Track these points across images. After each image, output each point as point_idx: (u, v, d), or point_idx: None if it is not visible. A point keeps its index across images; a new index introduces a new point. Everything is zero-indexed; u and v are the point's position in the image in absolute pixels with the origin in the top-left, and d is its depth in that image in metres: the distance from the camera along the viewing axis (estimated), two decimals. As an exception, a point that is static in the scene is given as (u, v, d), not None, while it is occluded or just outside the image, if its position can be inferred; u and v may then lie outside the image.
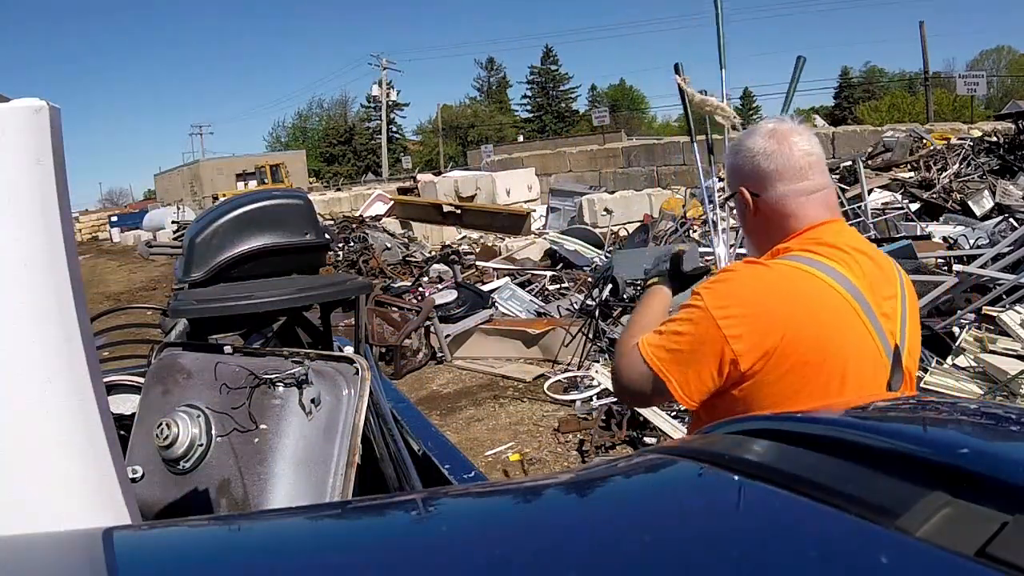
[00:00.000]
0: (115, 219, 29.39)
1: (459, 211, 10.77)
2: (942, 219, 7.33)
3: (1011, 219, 6.35)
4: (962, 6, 73.49)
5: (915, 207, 7.75)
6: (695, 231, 8.62)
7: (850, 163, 8.60)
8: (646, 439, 3.73)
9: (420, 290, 6.89)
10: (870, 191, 7.92)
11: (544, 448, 4.00)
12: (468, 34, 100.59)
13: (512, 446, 4.09)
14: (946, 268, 5.57)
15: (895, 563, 0.40)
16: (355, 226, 11.63)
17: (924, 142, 9.51)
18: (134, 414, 1.31)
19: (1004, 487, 0.43)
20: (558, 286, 7.22)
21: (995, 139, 8.93)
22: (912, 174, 8.74)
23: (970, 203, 7.41)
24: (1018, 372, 3.47)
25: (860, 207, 7.45)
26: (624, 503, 0.61)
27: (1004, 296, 4.33)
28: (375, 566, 0.47)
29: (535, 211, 11.92)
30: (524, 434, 4.23)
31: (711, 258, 3.38)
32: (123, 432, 1.20)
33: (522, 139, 38.05)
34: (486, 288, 6.86)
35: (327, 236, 1.69)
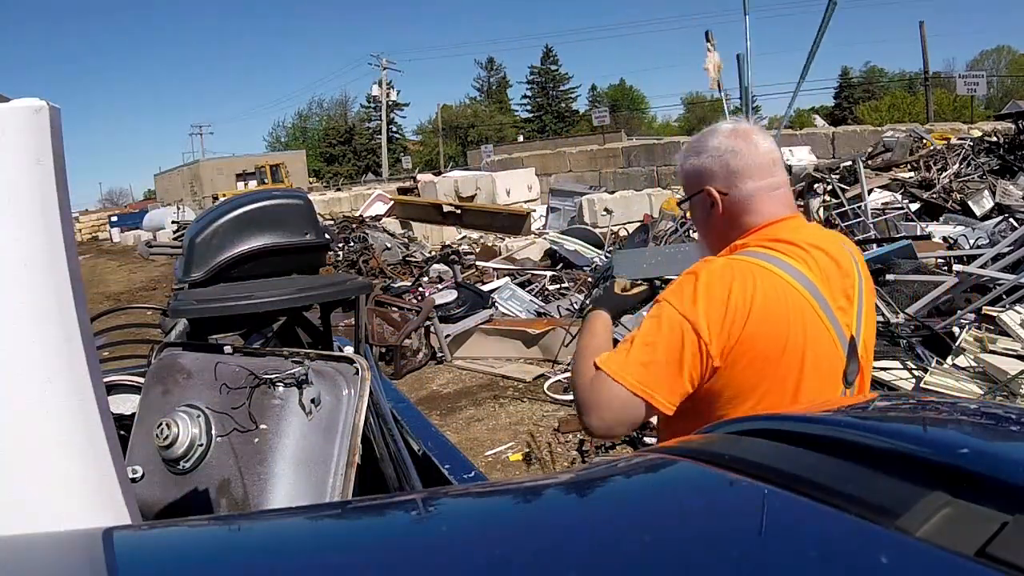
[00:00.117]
0: (115, 219, 29.41)
1: (459, 211, 10.77)
2: (942, 219, 7.33)
3: (1011, 219, 6.35)
4: (962, 6, 73.53)
5: (915, 207, 7.75)
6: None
7: (850, 163, 8.59)
8: (646, 439, 3.73)
9: (420, 290, 6.89)
10: (870, 191, 7.92)
11: (544, 448, 4.00)
12: (468, 34, 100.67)
13: (512, 446, 4.09)
14: (946, 268, 5.57)
15: (895, 563, 0.40)
16: (355, 226, 11.64)
17: (924, 142, 9.51)
18: (134, 414, 1.31)
19: (1004, 487, 0.43)
20: (558, 286, 7.22)
21: (995, 139, 8.93)
22: (912, 174, 8.74)
23: (970, 203, 7.41)
24: (1018, 372, 3.47)
25: (860, 207, 7.45)
26: (624, 503, 0.61)
27: (1004, 296, 4.33)
28: (375, 566, 0.47)
29: (535, 211, 11.93)
30: (524, 434, 4.23)
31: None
32: (123, 432, 1.20)
33: (522, 139, 38.06)
34: (486, 288, 6.86)
35: (327, 236, 1.69)
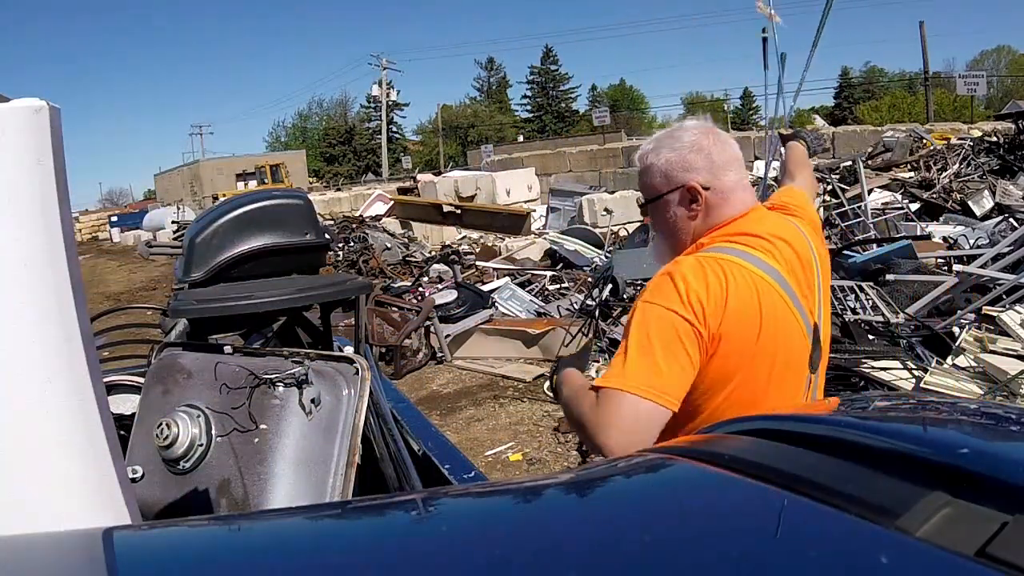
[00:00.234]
0: (115, 219, 29.40)
1: (459, 211, 10.77)
2: (942, 219, 7.33)
3: (1011, 219, 6.35)
4: (962, 6, 73.53)
5: (915, 207, 7.75)
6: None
7: (850, 163, 8.60)
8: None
9: (420, 290, 6.89)
10: (870, 191, 7.92)
11: (544, 448, 4.00)
12: (468, 34, 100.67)
13: (512, 446, 4.09)
14: (946, 268, 5.57)
15: (895, 563, 0.40)
16: (355, 226, 11.63)
17: (924, 142, 9.51)
18: (134, 414, 1.31)
19: (1004, 487, 0.43)
20: (558, 286, 7.22)
21: (995, 139, 8.94)
22: (912, 174, 8.75)
23: (970, 203, 7.41)
24: (1018, 372, 3.47)
25: (860, 207, 7.45)
26: (624, 503, 0.61)
27: (1004, 296, 4.33)
28: (375, 566, 0.47)
29: (535, 211, 11.93)
30: (524, 434, 4.23)
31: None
32: (123, 432, 1.20)
33: (522, 139, 38.06)
34: (486, 288, 6.86)
35: (327, 236, 1.69)
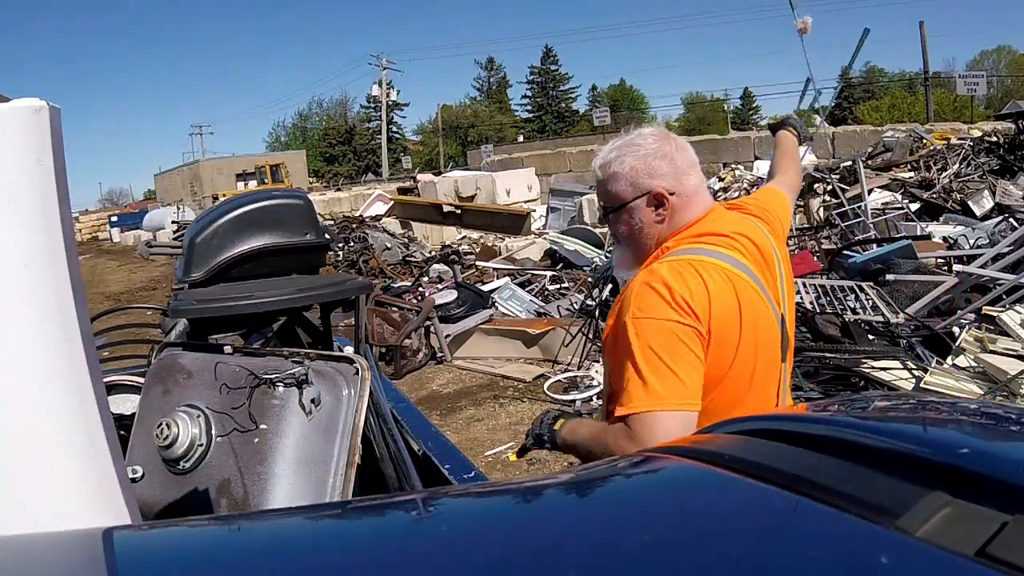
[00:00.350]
0: (115, 219, 29.39)
1: (459, 211, 10.77)
2: (942, 219, 7.34)
3: (1011, 219, 6.35)
4: (962, 6, 73.52)
5: (915, 207, 7.75)
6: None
7: (850, 163, 8.60)
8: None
9: (420, 290, 6.89)
10: (870, 191, 7.93)
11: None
12: (468, 34, 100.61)
13: (512, 446, 4.09)
14: (946, 268, 5.57)
15: (895, 563, 0.40)
16: (355, 226, 11.64)
17: (924, 142, 9.52)
18: (134, 414, 1.31)
19: (1004, 487, 0.43)
20: (558, 286, 7.22)
21: (995, 139, 8.94)
22: (912, 174, 8.75)
23: (970, 203, 7.41)
24: (1018, 372, 3.47)
25: (860, 207, 7.46)
26: (624, 503, 0.61)
27: (1004, 296, 4.33)
28: (375, 566, 0.47)
29: (535, 211, 11.93)
30: (524, 434, 4.22)
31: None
32: (123, 432, 1.20)
33: (522, 139, 38.05)
34: (486, 288, 6.86)
35: (327, 236, 1.69)
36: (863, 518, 0.44)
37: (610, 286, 5.47)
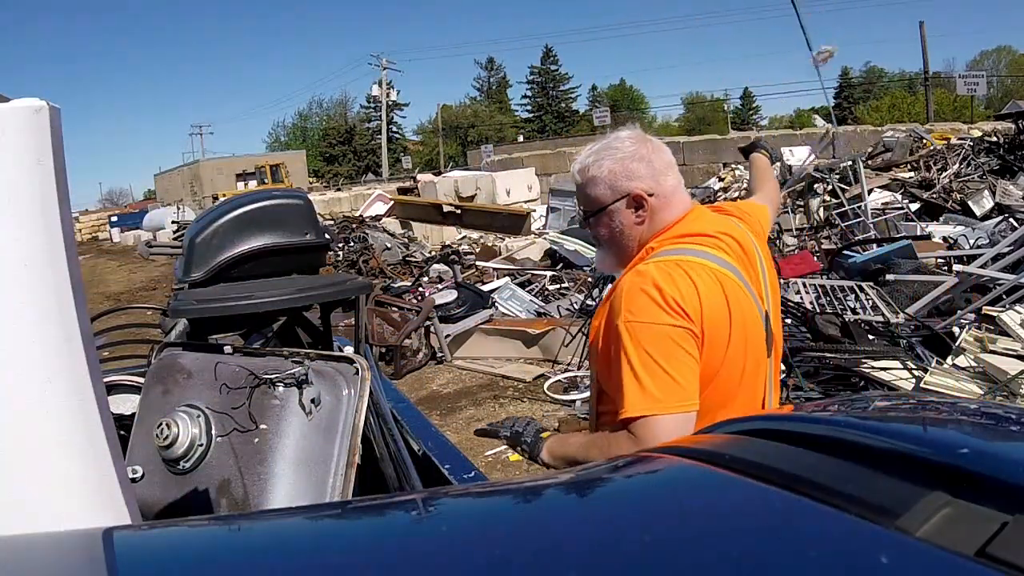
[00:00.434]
0: (115, 219, 29.39)
1: (459, 211, 10.76)
2: (942, 219, 7.34)
3: (1011, 219, 6.35)
4: (962, 6, 73.54)
5: (915, 207, 7.75)
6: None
7: (850, 163, 8.60)
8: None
9: (420, 290, 6.89)
10: (870, 191, 7.93)
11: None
12: (468, 34, 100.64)
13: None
14: (946, 268, 5.58)
15: (895, 563, 0.40)
16: (355, 226, 11.64)
17: (924, 142, 9.52)
18: (134, 414, 1.31)
19: (1004, 487, 0.43)
20: (558, 286, 7.22)
21: (995, 139, 8.94)
22: (912, 174, 8.75)
23: (970, 203, 7.41)
24: (1018, 372, 3.47)
25: (860, 207, 7.46)
26: (624, 503, 0.61)
27: (1004, 296, 4.33)
28: (375, 566, 0.47)
29: (535, 211, 11.91)
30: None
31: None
32: (123, 432, 1.20)
33: (522, 139, 38.05)
34: (486, 288, 6.86)
35: (327, 236, 1.69)
36: (863, 518, 0.44)
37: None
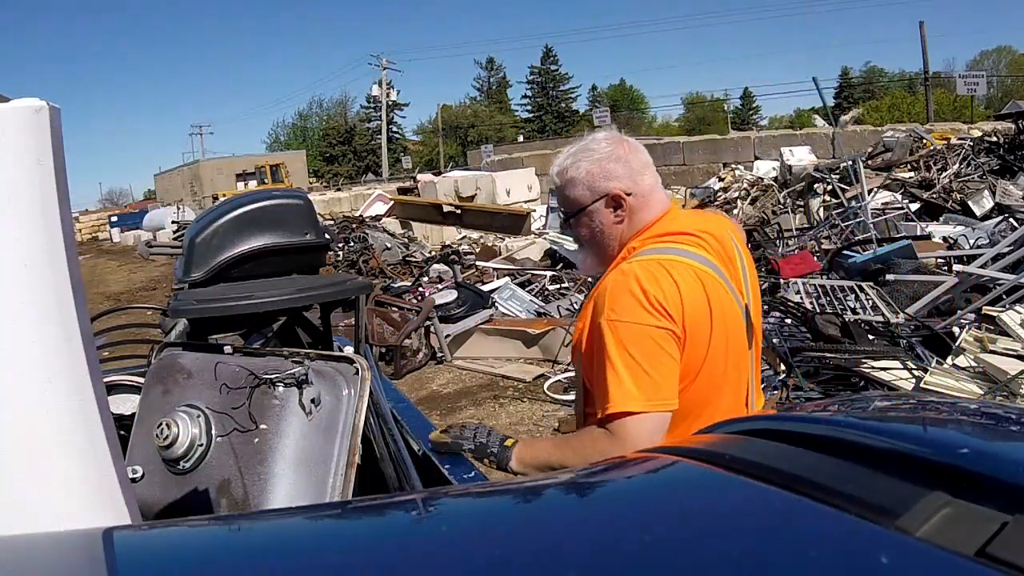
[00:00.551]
0: (115, 219, 29.37)
1: (459, 211, 10.76)
2: (942, 219, 7.33)
3: (1011, 219, 6.35)
4: (962, 6, 73.57)
5: (915, 207, 7.75)
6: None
7: (850, 163, 8.60)
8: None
9: (420, 290, 6.89)
10: (870, 191, 7.92)
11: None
12: (468, 34, 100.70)
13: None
14: (946, 268, 5.57)
15: (895, 563, 0.40)
16: (355, 226, 11.63)
17: (924, 142, 9.51)
18: (134, 414, 1.31)
19: (1004, 487, 0.43)
20: (558, 286, 7.22)
21: (995, 139, 8.94)
22: (912, 174, 8.75)
23: (970, 203, 7.41)
24: (1018, 372, 3.47)
25: (860, 207, 7.45)
26: (624, 503, 0.61)
27: (1004, 296, 4.33)
28: (375, 566, 0.47)
29: (535, 211, 11.90)
30: (524, 434, 4.23)
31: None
32: (123, 432, 1.20)
33: (522, 139, 38.05)
34: (486, 288, 6.85)
35: (327, 236, 1.69)
36: (863, 518, 0.44)
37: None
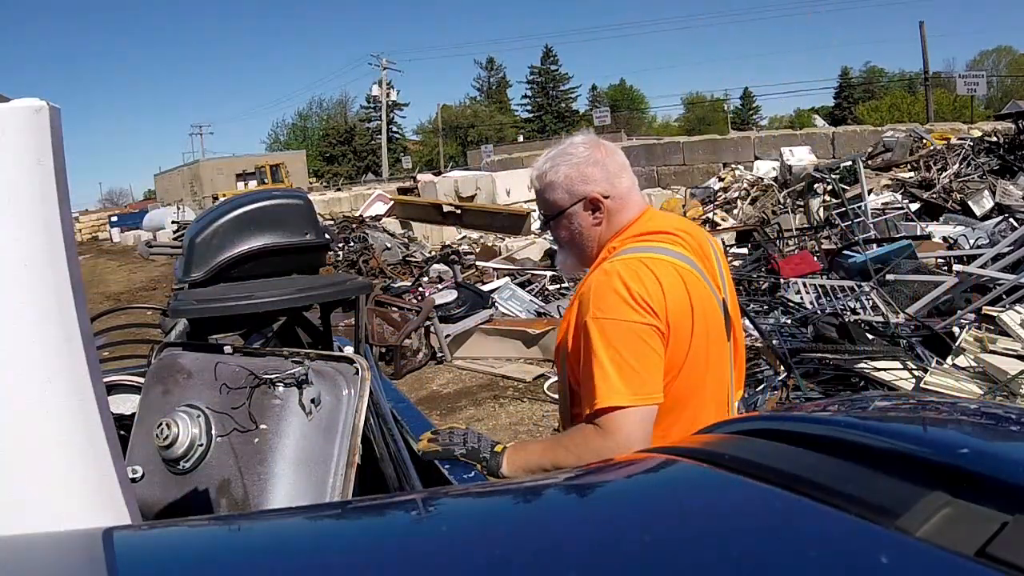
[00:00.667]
0: (115, 219, 29.37)
1: (459, 211, 10.75)
2: (942, 219, 7.33)
3: (1011, 219, 6.35)
4: (962, 6, 73.58)
5: (915, 207, 7.75)
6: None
7: (850, 163, 8.60)
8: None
9: (420, 290, 6.89)
10: (870, 191, 7.92)
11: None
12: (468, 34, 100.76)
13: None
14: (946, 268, 5.57)
15: (895, 563, 0.40)
16: (355, 226, 11.63)
17: (924, 142, 9.51)
18: (134, 414, 1.31)
19: (1004, 487, 0.43)
20: (558, 286, 7.22)
21: (995, 139, 8.93)
22: (912, 174, 8.75)
23: (970, 203, 7.41)
24: (1018, 372, 3.47)
25: (860, 207, 7.45)
26: (624, 503, 0.61)
27: (1004, 296, 4.33)
28: (375, 566, 0.47)
29: (535, 211, 11.89)
30: (524, 434, 4.23)
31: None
32: (123, 432, 1.20)
33: (522, 139, 38.09)
34: (486, 288, 6.85)
35: (327, 236, 1.69)
36: (863, 518, 0.44)
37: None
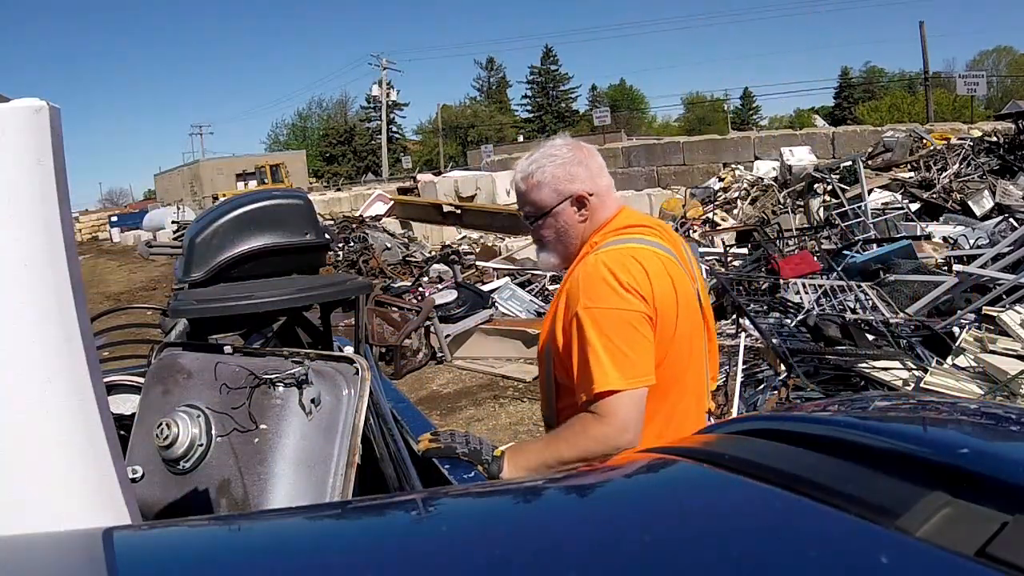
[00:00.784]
0: (115, 219, 29.38)
1: (459, 211, 10.76)
2: (942, 219, 7.34)
3: (1011, 219, 6.35)
4: (962, 6, 73.60)
5: (915, 207, 7.75)
6: (695, 231, 8.64)
7: (850, 163, 8.60)
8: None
9: (420, 290, 6.89)
10: (870, 191, 7.92)
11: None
12: (468, 34, 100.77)
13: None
14: (946, 268, 5.57)
15: (895, 563, 0.40)
16: (355, 226, 11.63)
17: (924, 142, 9.51)
18: (134, 414, 1.31)
19: (1004, 487, 0.43)
20: (558, 286, 7.21)
21: (995, 139, 8.94)
22: (912, 174, 8.75)
23: (970, 203, 7.41)
24: (1018, 372, 3.47)
25: (860, 207, 7.45)
26: (624, 503, 0.61)
27: (1004, 296, 4.33)
28: (375, 566, 0.47)
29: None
30: (524, 434, 4.23)
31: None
32: (123, 432, 1.20)
33: (522, 139, 38.08)
34: (486, 288, 6.86)
35: (327, 236, 1.69)
36: (863, 518, 0.44)
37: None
